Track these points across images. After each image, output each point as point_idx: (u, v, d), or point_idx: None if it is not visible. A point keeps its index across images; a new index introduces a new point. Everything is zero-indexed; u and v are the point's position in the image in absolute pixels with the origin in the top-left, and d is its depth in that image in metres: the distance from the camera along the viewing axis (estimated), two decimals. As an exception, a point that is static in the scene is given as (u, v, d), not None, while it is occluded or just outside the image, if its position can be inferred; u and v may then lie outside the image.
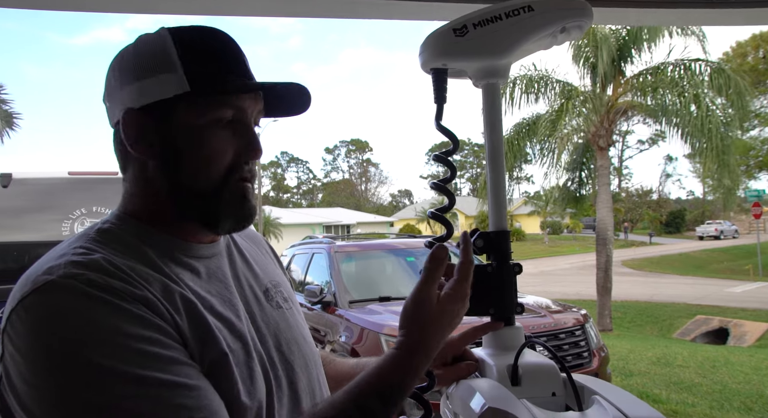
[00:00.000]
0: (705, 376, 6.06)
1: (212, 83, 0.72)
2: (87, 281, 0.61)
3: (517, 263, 0.83)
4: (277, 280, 0.90)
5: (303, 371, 0.81)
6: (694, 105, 9.63)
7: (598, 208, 11.12)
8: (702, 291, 16.10)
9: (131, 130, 0.73)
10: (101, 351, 0.58)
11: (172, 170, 0.73)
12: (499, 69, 0.85)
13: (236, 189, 0.75)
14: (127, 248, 0.70)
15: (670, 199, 54.80)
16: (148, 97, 0.72)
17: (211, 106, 0.72)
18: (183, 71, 0.71)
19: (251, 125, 0.77)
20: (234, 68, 0.75)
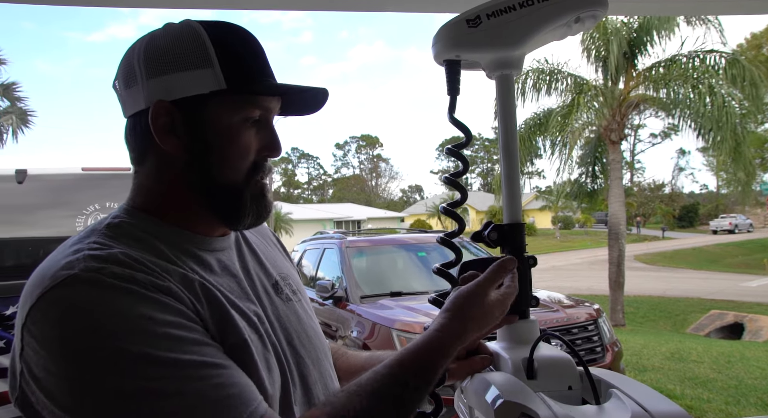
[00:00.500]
0: (720, 371, 6.00)
1: (248, 83, 0.73)
2: (110, 274, 0.62)
3: (532, 256, 0.82)
4: (285, 272, 0.91)
5: (314, 364, 0.81)
6: (708, 97, 9.49)
7: (610, 202, 11.02)
8: (716, 286, 15.92)
9: (161, 122, 0.72)
10: (130, 339, 0.59)
11: (201, 164, 0.74)
12: (513, 60, 0.84)
13: (258, 186, 0.77)
14: (138, 243, 0.70)
15: (683, 193, 54.22)
16: (182, 91, 0.72)
17: (243, 104, 0.74)
18: (220, 68, 0.72)
19: (273, 124, 0.79)
20: (264, 69, 0.76)
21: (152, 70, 0.72)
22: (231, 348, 0.67)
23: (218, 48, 0.72)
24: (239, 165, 0.75)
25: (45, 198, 2.79)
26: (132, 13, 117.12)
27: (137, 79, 0.73)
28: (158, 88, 0.72)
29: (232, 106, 0.73)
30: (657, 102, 10.91)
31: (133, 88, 0.74)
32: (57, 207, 2.80)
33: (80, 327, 0.59)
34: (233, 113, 0.73)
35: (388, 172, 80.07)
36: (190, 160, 0.74)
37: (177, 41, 0.72)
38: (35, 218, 2.74)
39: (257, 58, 0.76)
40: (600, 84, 10.88)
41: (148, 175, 0.76)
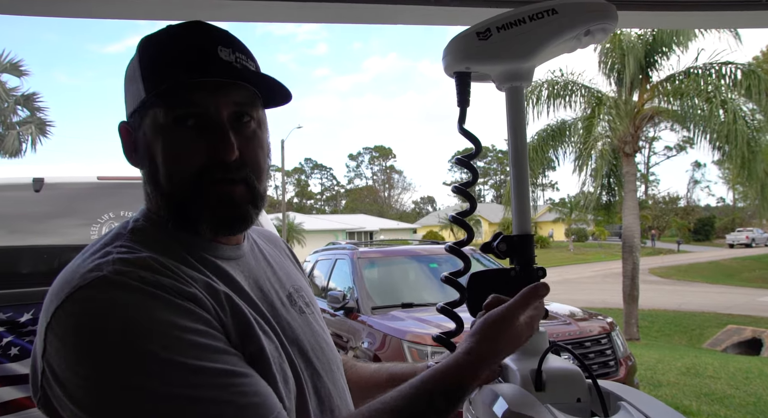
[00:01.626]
0: (738, 387, 5.87)
1: (156, 84, 0.70)
2: (138, 278, 0.63)
3: (541, 267, 0.82)
4: (299, 284, 0.90)
5: (328, 376, 0.80)
6: (723, 110, 9.40)
7: (624, 215, 10.92)
8: (733, 300, 15.63)
9: (123, 141, 0.78)
10: (157, 342, 0.59)
11: (152, 175, 0.73)
12: (523, 72, 0.85)
13: (212, 192, 0.72)
14: (164, 248, 0.71)
15: (699, 206, 53.55)
16: (128, 109, 0.76)
17: (169, 108, 0.71)
18: (141, 78, 0.72)
19: (219, 123, 0.72)
20: (186, 64, 0.70)
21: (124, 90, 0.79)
22: (250, 358, 0.67)
23: (143, 58, 0.73)
24: (179, 170, 0.71)
25: (61, 206, 2.83)
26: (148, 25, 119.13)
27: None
28: (125, 108, 0.78)
29: (160, 111, 0.71)
30: (671, 114, 10.83)
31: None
32: (72, 215, 2.84)
33: (106, 328, 0.59)
34: (161, 117, 0.71)
35: (400, 183, 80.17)
36: (146, 173, 0.75)
37: (132, 64, 0.76)
38: (51, 226, 2.77)
39: (176, 56, 0.71)
40: (614, 96, 10.84)
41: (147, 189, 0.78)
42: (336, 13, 1.15)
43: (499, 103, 0.91)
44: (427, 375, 0.69)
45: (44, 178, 2.78)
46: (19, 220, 2.80)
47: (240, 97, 0.73)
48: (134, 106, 0.73)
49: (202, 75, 0.70)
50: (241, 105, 0.73)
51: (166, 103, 0.70)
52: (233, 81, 0.72)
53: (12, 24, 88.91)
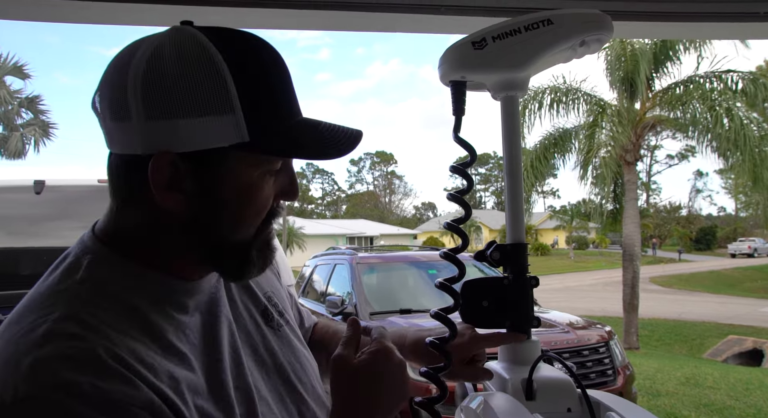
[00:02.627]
0: (738, 399, 5.84)
1: (276, 134, 0.59)
2: (80, 394, 0.49)
3: (534, 276, 0.82)
4: (269, 291, 0.82)
5: (311, 396, 0.75)
6: (726, 118, 9.42)
7: (625, 223, 10.92)
8: (734, 310, 15.58)
9: (162, 176, 0.58)
10: None
11: (208, 224, 0.61)
12: (518, 82, 0.85)
13: (265, 235, 0.66)
14: (119, 309, 0.58)
15: (701, 216, 53.50)
16: (192, 143, 0.57)
17: (268, 159, 0.61)
18: (242, 114, 0.57)
19: (292, 166, 0.67)
20: (292, 109, 0.63)
21: (154, 109, 0.56)
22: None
23: (240, 86, 0.57)
24: (254, 221, 0.63)
25: (61, 209, 2.85)
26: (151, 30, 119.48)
27: (131, 115, 0.57)
28: (161, 134, 0.56)
29: (255, 160, 0.60)
30: (673, 123, 10.85)
31: (125, 123, 0.57)
32: (72, 218, 2.85)
33: None
34: (255, 168, 0.60)
35: (401, 189, 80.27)
36: (193, 218, 0.60)
37: (189, 72, 0.56)
38: (52, 228, 2.79)
39: (284, 95, 0.62)
40: (616, 105, 10.86)
41: (128, 220, 0.63)
42: (335, 21, 1.17)
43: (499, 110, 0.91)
44: None
45: (45, 180, 2.80)
46: (19, 222, 2.81)
47: None
48: (215, 143, 0.57)
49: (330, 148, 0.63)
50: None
51: (276, 156, 0.62)
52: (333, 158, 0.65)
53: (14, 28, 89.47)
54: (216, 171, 0.59)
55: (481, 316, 0.82)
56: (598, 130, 10.52)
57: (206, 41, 0.58)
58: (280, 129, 0.60)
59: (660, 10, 1.15)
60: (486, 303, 0.81)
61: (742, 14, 1.24)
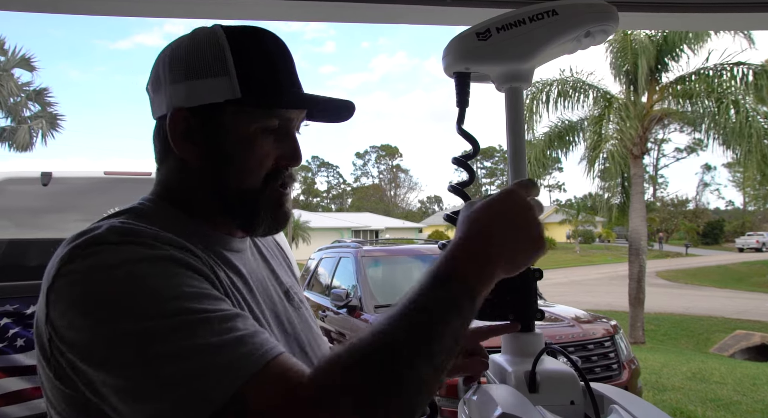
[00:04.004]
0: (745, 394, 5.82)
1: (265, 94, 0.72)
2: (140, 241, 0.63)
3: (538, 269, 0.82)
4: (290, 281, 0.92)
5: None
6: (734, 111, 9.32)
7: (631, 217, 10.86)
8: (742, 305, 15.51)
9: (178, 128, 0.73)
10: (159, 288, 0.59)
11: (217, 172, 0.74)
12: (522, 73, 0.85)
13: (274, 195, 0.76)
14: (172, 226, 0.70)
15: (708, 210, 53.13)
16: (198, 99, 0.72)
17: (260, 114, 0.73)
18: (237, 77, 0.71)
19: (294, 133, 0.77)
20: (286, 78, 0.75)
21: (173, 76, 0.73)
22: None
23: (237, 56, 0.71)
24: (255, 173, 0.74)
25: (68, 200, 2.86)
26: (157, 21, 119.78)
27: (162, 84, 0.74)
28: (178, 94, 0.72)
29: (249, 116, 0.72)
30: (681, 116, 10.76)
31: (159, 92, 0.75)
32: (79, 209, 2.87)
33: (107, 279, 0.59)
34: (250, 123, 0.73)
35: (407, 182, 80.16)
36: (206, 167, 0.74)
37: (198, 48, 0.73)
38: (58, 220, 2.80)
39: (279, 67, 0.75)
40: (623, 98, 10.78)
41: (168, 176, 0.77)
42: (339, 13, 1.16)
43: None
44: (414, 290, 0.60)
45: (52, 172, 2.81)
46: (27, 213, 2.83)
47: (304, 114, 0.79)
48: (214, 99, 0.71)
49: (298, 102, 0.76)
50: (302, 119, 0.80)
51: (265, 112, 0.73)
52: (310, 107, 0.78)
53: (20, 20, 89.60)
54: (218, 124, 0.73)
55: (485, 308, 0.81)
56: (605, 123, 10.44)
57: (217, 28, 0.74)
58: (268, 90, 0.73)
59: (666, 0, 1.14)
60: (490, 296, 0.81)
61: (751, 4, 1.22)
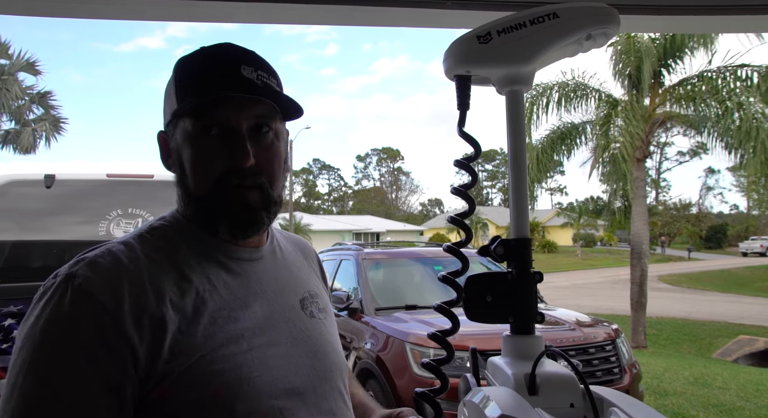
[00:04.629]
0: (748, 399, 5.79)
1: (186, 98, 0.80)
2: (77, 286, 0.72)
3: (538, 272, 0.82)
4: (315, 291, 0.96)
5: (326, 378, 0.86)
6: (737, 113, 9.30)
7: (633, 221, 10.84)
8: (745, 310, 15.45)
9: (161, 149, 0.87)
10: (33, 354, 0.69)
11: (182, 178, 0.83)
12: (523, 76, 0.85)
13: (230, 196, 0.80)
14: (167, 244, 0.81)
15: (711, 214, 52.97)
16: (165, 118, 0.85)
17: (196, 119, 0.80)
18: (174, 93, 0.82)
19: (239, 133, 0.79)
20: (217, 82, 0.79)
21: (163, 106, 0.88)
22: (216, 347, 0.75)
23: (178, 74, 0.83)
24: (203, 174, 0.80)
25: (71, 203, 2.87)
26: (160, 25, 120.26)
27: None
28: (163, 120, 0.87)
29: (187, 124, 0.80)
30: (684, 119, 10.74)
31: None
32: (82, 212, 2.88)
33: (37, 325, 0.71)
34: (190, 127, 0.80)
35: (408, 185, 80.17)
36: (177, 178, 0.85)
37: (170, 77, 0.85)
38: (61, 222, 2.82)
39: (210, 74, 0.80)
40: (625, 100, 10.77)
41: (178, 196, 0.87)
42: (340, 16, 1.16)
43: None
44: None
45: (55, 174, 2.82)
46: (30, 215, 2.84)
47: (260, 111, 0.81)
48: (169, 117, 0.83)
49: (225, 91, 0.79)
50: (262, 118, 0.81)
51: (194, 115, 0.80)
52: (254, 96, 0.80)
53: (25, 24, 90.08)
54: (175, 138, 0.83)
55: (485, 311, 0.82)
56: (607, 127, 10.43)
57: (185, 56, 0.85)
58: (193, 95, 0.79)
59: (669, 3, 1.13)
60: (490, 298, 0.81)
61: (754, 6, 1.22)
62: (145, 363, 0.72)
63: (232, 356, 0.76)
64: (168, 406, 0.73)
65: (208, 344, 0.75)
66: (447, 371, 0.85)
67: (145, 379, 0.72)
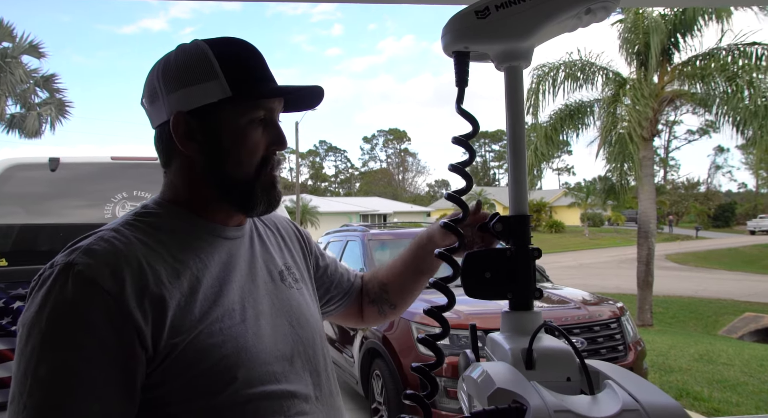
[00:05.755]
0: (752, 375, 5.83)
1: (250, 89, 0.84)
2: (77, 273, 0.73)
3: (537, 248, 0.82)
4: (290, 263, 1.02)
5: (309, 343, 0.93)
6: (747, 91, 9.16)
7: (640, 200, 10.79)
8: (752, 288, 15.44)
9: (181, 130, 0.84)
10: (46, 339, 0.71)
11: (218, 163, 0.85)
12: (522, 52, 0.84)
13: (268, 178, 0.87)
14: (155, 229, 0.83)
15: (720, 192, 52.56)
16: (194, 102, 0.83)
17: (248, 108, 0.84)
18: (225, 79, 0.83)
19: (278, 121, 0.90)
20: (263, 75, 0.87)
21: (170, 86, 0.84)
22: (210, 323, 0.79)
23: (222, 62, 0.83)
24: (250, 161, 0.85)
25: (76, 186, 2.89)
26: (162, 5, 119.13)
27: (159, 95, 0.85)
28: (176, 101, 0.84)
29: (239, 111, 0.84)
30: (693, 97, 10.59)
31: (156, 103, 0.86)
32: (87, 195, 2.90)
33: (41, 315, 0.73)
34: (241, 116, 0.84)
35: (415, 166, 79.92)
36: (207, 161, 0.85)
37: (187, 60, 0.84)
38: (66, 205, 2.84)
39: (257, 67, 0.87)
40: (633, 78, 10.61)
41: (175, 175, 0.88)
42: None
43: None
44: None
45: (60, 158, 2.84)
46: (35, 199, 2.86)
47: (282, 103, 0.91)
48: (209, 101, 0.83)
49: (280, 91, 0.88)
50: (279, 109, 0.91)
51: (251, 105, 0.84)
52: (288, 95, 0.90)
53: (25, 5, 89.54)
54: (214, 122, 0.84)
55: (484, 287, 0.82)
56: (614, 106, 10.31)
57: (199, 42, 0.86)
58: (251, 85, 0.85)
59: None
60: (488, 275, 0.82)
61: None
62: (151, 342, 0.75)
63: (228, 328, 0.81)
64: (173, 381, 0.76)
65: (206, 319, 0.79)
66: (452, 350, 0.87)
67: (152, 357, 0.75)
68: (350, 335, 4.68)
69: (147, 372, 0.76)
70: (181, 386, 0.77)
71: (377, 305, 1.19)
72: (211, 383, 0.78)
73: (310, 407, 0.88)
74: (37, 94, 16.38)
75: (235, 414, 0.79)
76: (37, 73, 16.13)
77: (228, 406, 0.78)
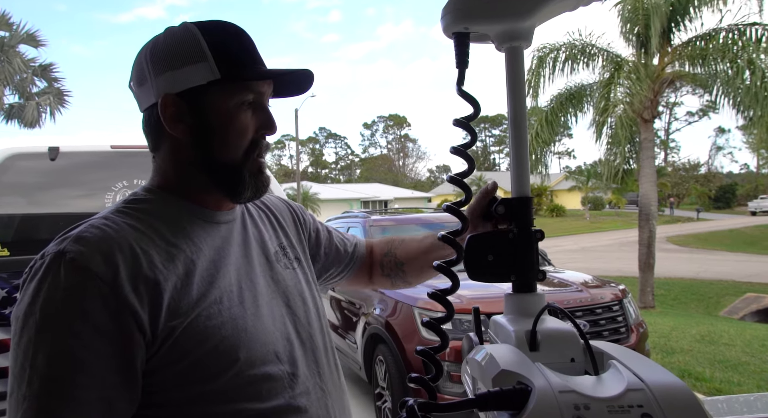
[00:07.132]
0: (753, 355, 5.86)
1: (239, 71, 0.83)
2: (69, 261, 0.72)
3: (539, 229, 0.82)
4: (284, 243, 1.03)
5: (306, 321, 0.95)
6: (747, 71, 9.08)
7: (641, 182, 10.75)
8: (753, 268, 15.47)
9: (169, 112, 0.83)
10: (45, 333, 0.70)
11: (205, 145, 0.84)
12: (523, 32, 0.83)
13: (255, 163, 0.87)
14: (147, 215, 0.83)
15: (721, 173, 52.44)
16: (183, 84, 0.82)
17: (237, 90, 0.84)
18: (213, 61, 0.82)
19: (267, 106, 0.89)
20: (252, 57, 0.86)
21: (158, 68, 0.83)
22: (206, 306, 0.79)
23: (211, 44, 0.83)
24: (238, 144, 0.85)
25: (76, 175, 2.88)
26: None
27: (147, 77, 0.84)
28: (164, 83, 0.83)
29: (228, 93, 0.83)
30: (694, 78, 10.50)
31: (145, 86, 0.85)
32: (87, 184, 2.90)
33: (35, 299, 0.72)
34: (229, 99, 0.84)
35: (415, 152, 79.73)
36: (195, 143, 0.85)
37: (176, 42, 0.83)
38: (66, 194, 2.83)
39: (246, 50, 0.86)
40: (633, 59, 10.52)
41: (164, 159, 0.88)
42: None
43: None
44: None
45: (59, 147, 2.83)
46: (35, 188, 2.86)
47: (272, 88, 0.90)
48: (197, 83, 0.82)
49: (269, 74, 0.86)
50: (270, 93, 0.90)
51: (240, 87, 0.84)
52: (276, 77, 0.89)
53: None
54: (203, 104, 0.83)
55: (486, 270, 0.82)
56: (614, 87, 10.23)
57: (188, 24, 0.85)
58: (240, 68, 0.84)
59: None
60: (491, 257, 0.81)
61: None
62: (149, 326, 0.74)
63: (226, 310, 0.82)
64: (173, 364, 0.76)
65: (203, 301, 0.80)
66: (455, 335, 0.86)
67: (150, 341, 0.75)
68: (353, 321, 4.70)
69: (147, 357, 0.75)
70: (183, 369, 0.77)
71: (391, 278, 1.21)
72: (212, 365, 0.78)
73: (312, 385, 0.90)
74: (35, 83, 16.28)
75: (239, 396, 0.80)
76: (34, 62, 16.02)
77: (232, 388, 0.79)
